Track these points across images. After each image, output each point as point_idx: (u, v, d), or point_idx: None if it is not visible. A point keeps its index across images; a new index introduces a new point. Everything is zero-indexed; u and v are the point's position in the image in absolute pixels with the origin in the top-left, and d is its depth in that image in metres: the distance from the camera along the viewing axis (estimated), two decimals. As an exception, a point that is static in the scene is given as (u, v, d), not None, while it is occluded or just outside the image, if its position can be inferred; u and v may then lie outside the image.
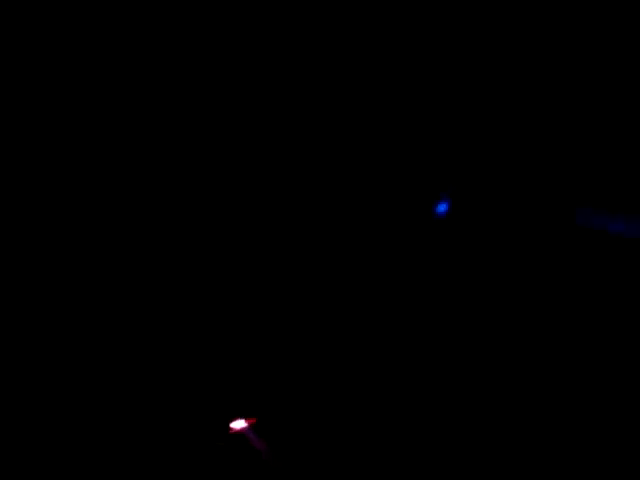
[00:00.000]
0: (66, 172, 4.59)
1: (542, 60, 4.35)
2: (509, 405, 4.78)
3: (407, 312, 5.00)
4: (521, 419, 4.72)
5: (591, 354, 4.73)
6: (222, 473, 4.73)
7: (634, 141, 4.41)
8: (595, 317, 4.79)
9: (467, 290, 4.93)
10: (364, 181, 4.75)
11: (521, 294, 4.95)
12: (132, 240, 4.75)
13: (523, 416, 4.72)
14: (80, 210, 4.67)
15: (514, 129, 4.60)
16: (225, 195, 4.78)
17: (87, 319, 4.75)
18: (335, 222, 4.84)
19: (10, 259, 4.63)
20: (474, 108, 4.54)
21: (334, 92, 4.54)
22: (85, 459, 4.54)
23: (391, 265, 5.05)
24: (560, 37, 4.23)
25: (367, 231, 4.89)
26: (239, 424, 4.77)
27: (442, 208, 4.80)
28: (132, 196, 4.70)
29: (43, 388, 4.62)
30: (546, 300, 4.92)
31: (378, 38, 4.35)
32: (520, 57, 4.35)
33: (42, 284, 4.69)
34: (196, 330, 4.84)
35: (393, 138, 4.71)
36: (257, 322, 4.92)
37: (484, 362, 4.93)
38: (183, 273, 4.82)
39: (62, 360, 4.68)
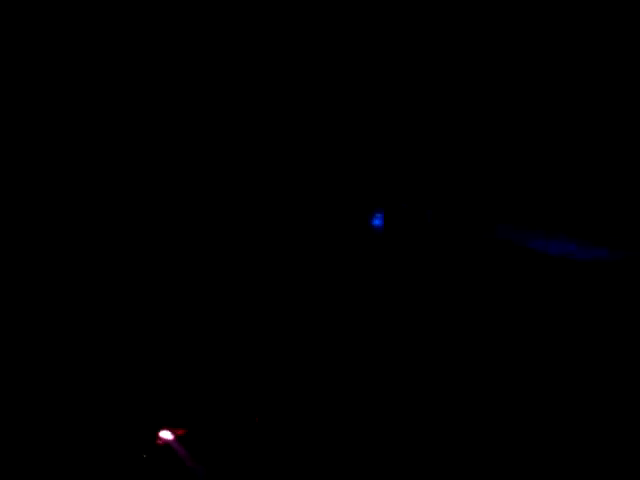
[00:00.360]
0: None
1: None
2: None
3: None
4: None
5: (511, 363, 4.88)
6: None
7: (556, 157, 4.57)
8: (513, 330, 4.95)
9: (394, 303, 5.04)
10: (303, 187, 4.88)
11: (442, 305, 5.07)
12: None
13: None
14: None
15: (439, 143, 4.69)
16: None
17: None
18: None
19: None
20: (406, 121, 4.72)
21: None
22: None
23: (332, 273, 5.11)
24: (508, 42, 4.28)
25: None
26: (166, 435, 4.68)
27: (377, 222, 4.90)
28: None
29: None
30: (464, 314, 5.06)
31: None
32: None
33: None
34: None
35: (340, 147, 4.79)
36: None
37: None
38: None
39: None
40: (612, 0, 3.90)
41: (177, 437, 4.68)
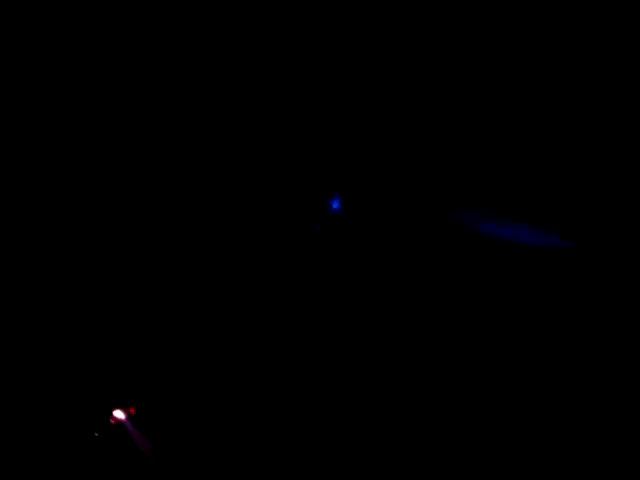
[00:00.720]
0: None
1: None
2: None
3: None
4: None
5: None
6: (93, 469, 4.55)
7: (524, 147, 4.61)
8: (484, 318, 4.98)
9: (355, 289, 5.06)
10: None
11: (402, 294, 5.11)
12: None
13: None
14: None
15: (408, 127, 4.73)
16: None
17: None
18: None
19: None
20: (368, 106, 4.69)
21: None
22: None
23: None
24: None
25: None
26: (119, 414, 4.63)
27: (335, 205, 4.89)
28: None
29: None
30: (426, 301, 5.11)
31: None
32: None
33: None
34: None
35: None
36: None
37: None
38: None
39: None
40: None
41: (129, 416, 4.64)
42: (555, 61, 4.44)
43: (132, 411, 4.66)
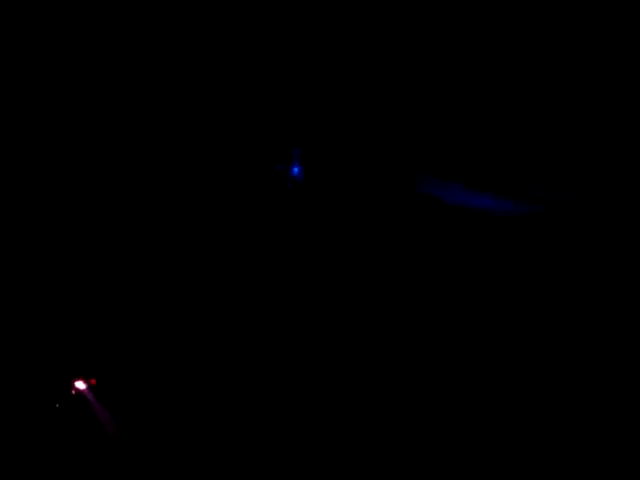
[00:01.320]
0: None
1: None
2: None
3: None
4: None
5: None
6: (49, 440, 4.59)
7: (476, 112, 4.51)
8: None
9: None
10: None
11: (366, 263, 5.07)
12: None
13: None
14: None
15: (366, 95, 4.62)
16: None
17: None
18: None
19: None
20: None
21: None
22: None
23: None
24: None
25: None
26: (80, 384, 4.67)
27: (295, 171, 4.83)
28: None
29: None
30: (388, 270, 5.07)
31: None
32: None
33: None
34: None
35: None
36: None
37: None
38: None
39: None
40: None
41: (90, 387, 4.69)
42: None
43: (93, 382, 4.70)
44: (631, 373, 4.45)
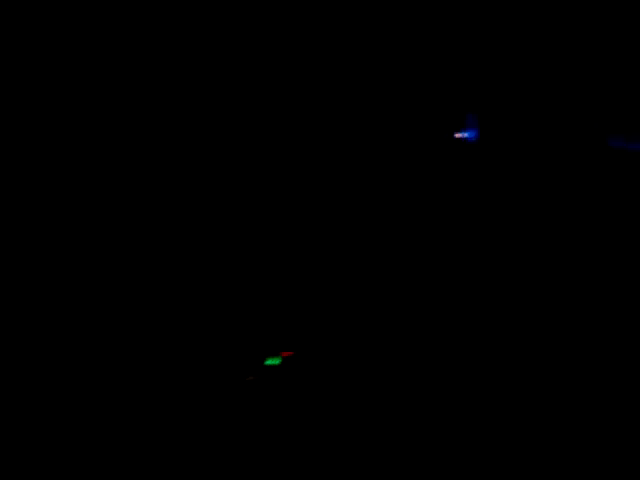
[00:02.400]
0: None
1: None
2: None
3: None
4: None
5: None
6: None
7: None
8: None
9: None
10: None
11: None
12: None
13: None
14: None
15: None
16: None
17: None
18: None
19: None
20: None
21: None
22: None
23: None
24: None
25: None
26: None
27: (470, 134, 4.62)
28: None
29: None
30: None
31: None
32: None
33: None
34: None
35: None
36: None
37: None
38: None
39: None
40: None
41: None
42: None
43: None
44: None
